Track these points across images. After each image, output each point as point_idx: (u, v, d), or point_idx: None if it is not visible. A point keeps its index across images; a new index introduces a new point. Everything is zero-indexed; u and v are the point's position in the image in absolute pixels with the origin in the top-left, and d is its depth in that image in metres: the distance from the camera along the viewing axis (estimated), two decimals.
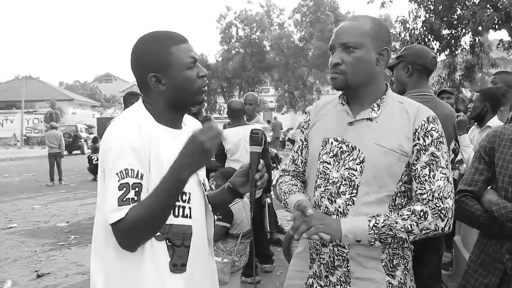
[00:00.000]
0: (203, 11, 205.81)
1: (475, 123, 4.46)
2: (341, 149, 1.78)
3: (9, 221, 8.56)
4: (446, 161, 1.71)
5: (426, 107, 1.79)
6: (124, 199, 1.44)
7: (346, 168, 1.75)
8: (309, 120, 1.99)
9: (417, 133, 1.70)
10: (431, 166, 1.68)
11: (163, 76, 1.60)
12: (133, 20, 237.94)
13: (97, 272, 1.60)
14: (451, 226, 1.69)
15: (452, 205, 1.68)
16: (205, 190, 1.77)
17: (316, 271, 1.85)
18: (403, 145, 1.70)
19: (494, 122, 4.05)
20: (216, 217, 3.82)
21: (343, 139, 1.79)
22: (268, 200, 5.89)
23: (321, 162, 1.82)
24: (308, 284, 1.87)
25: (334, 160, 1.79)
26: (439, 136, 1.71)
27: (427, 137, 1.69)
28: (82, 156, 24.39)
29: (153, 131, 1.57)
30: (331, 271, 1.79)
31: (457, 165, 4.71)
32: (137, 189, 1.47)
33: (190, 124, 1.80)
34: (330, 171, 1.79)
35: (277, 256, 5.60)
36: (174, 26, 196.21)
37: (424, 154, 1.69)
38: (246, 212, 3.98)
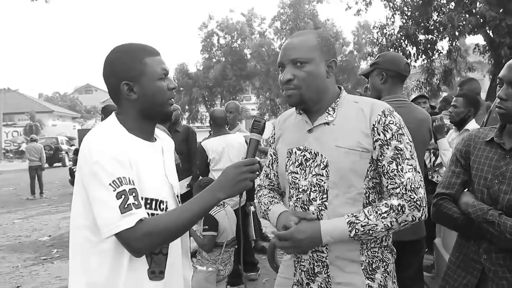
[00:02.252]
0: (183, 21, 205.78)
1: (454, 127, 4.53)
2: (305, 157, 1.82)
3: None
4: (410, 151, 1.74)
5: (380, 102, 1.84)
6: (126, 206, 1.47)
7: (313, 175, 1.78)
8: (274, 134, 2.04)
9: (375, 128, 1.73)
10: (397, 160, 1.71)
11: (135, 85, 1.65)
12: (113, 30, 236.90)
13: (78, 281, 1.61)
14: (426, 214, 1.73)
15: (424, 194, 1.72)
16: (179, 202, 1.80)
17: (298, 279, 1.88)
18: (362, 142, 1.73)
19: (472, 125, 4.11)
20: (202, 228, 3.83)
21: (305, 147, 1.83)
22: (252, 208, 5.90)
23: (289, 173, 1.86)
24: None
25: (300, 169, 1.83)
26: (398, 129, 1.74)
27: (387, 131, 1.72)
28: (64, 169, 24.08)
29: (127, 142, 1.61)
30: (312, 278, 1.82)
31: (437, 168, 4.78)
32: (134, 194, 1.51)
33: (163, 138, 1.86)
34: (299, 180, 1.82)
35: (262, 264, 5.60)
36: (155, 35, 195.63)
37: (387, 149, 1.72)
38: (229, 221, 3.99)
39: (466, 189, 2.10)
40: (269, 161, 2.07)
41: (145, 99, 1.66)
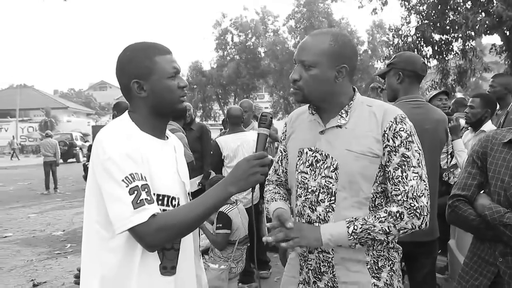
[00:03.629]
0: (198, 19, 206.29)
1: (469, 128, 4.47)
2: (316, 158, 1.82)
3: (4, 230, 8.52)
4: (418, 159, 1.73)
5: (394, 107, 1.82)
6: (139, 201, 1.49)
7: (323, 177, 1.78)
8: (285, 131, 2.04)
9: (386, 135, 1.72)
10: (403, 167, 1.71)
11: (145, 83, 1.67)
12: (128, 27, 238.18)
13: (91, 275, 1.63)
14: (427, 223, 1.72)
15: (427, 203, 1.71)
16: (190, 200, 1.82)
17: (305, 277, 1.88)
18: (373, 148, 1.73)
19: (488, 126, 4.06)
20: (216, 226, 3.83)
21: (316, 148, 1.82)
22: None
23: (299, 172, 1.86)
24: None
25: (310, 169, 1.83)
26: (408, 136, 1.73)
27: (396, 138, 1.72)
28: (77, 164, 24.29)
29: (139, 140, 1.63)
30: (319, 277, 1.82)
31: (451, 170, 4.72)
32: (146, 190, 1.52)
33: (173, 138, 1.88)
34: (308, 181, 1.83)
35: (273, 262, 5.60)
36: (170, 33, 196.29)
37: (395, 155, 1.71)
38: (242, 219, 3.99)
39: (482, 191, 2.08)
40: (279, 157, 2.08)
41: (154, 97, 1.68)
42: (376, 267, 1.79)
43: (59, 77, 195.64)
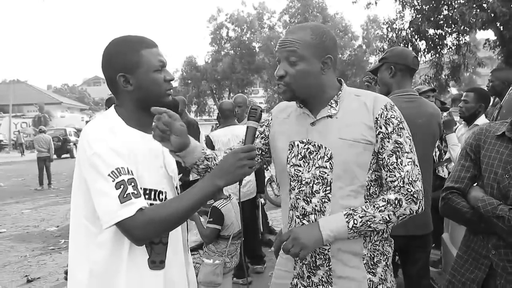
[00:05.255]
0: (193, 14, 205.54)
1: (463, 122, 4.48)
2: (308, 150, 1.81)
3: None
4: (410, 145, 1.75)
5: (383, 96, 1.83)
6: (125, 195, 1.48)
7: (317, 167, 1.78)
8: (271, 119, 2.00)
9: (378, 122, 1.73)
10: (397, 153, 1.72)
11: (132, 77, 1.66)
12: (122, 22, 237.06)
13: (79, 271, 1.63)
14: (423, 207, 1.74)
15: (421, 187, 1.73)
16: (178, 194, 1.81)
17: (299, 272, 1.87)
18: (365, 135, 1.73)
19: (482, 120, 4.07)
20: (207, 220, 3.83)
21: (308, 139, 1.82)
22: (262, 200, 5.90)
23: (291, 165, 1.85)
24: (293, 284, 1.90)
25: (303, 161, 1.81)
26: (399, 123, 1.75)
27: (389, 124, 1.73)
28: (71, 160, 24.17)
29: (125, 134, 1.63)
30: (313, 271, 1.81)
31: (445, 164, 4.74)
32: (133, 184, 1.52)
33: None
34: (302, 173, 1.81)
35: (268, 257, 5.59)
36: (164, 28, 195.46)
37: (388, 142, 1.72)
38: (236, 213, 3.99)
39: (476, 184, 2.09)
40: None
41: (141, 91, 1.67)
42: (372, 263, 1.79)
43: (52, 72, 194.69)
